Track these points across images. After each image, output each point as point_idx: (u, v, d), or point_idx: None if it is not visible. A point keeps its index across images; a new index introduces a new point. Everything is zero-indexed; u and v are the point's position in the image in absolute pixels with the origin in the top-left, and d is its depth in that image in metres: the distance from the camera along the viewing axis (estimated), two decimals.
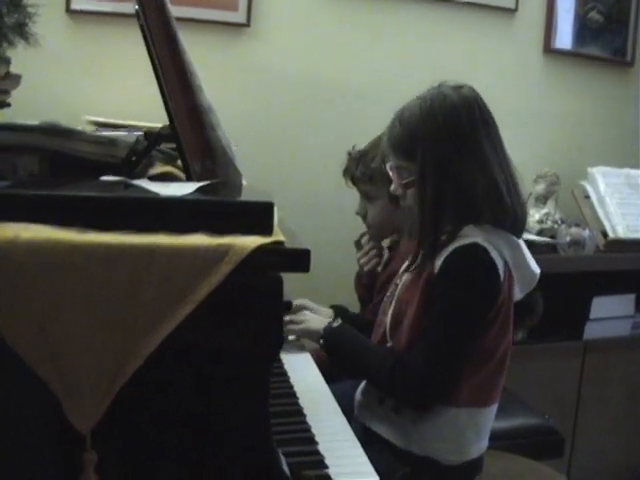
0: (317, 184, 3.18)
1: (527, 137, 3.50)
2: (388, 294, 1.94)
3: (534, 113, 3.52)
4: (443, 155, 1.76)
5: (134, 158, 1.48)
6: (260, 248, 0.98)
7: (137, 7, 1.26)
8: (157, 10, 1.23)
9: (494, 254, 1.74)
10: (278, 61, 3.12)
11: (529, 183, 3.37)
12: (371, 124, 3.18)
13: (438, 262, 1.75)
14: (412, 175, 1.82)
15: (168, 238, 0.98)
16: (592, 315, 3.24)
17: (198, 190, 1.12)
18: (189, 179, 1.30)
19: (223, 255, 0.97)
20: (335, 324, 1.92)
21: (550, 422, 2.39)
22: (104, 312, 0.95)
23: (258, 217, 1.04)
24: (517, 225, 1.81)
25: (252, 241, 0.98)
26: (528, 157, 3.46)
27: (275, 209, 1.08)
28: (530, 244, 2.97)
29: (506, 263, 1.77)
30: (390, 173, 1.90)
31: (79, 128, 1.51)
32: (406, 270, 1.88)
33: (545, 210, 3.38)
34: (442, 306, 1.72)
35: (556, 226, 3.34)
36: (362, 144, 2.45)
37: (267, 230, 1.04)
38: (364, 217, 2.45)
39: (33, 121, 2.02)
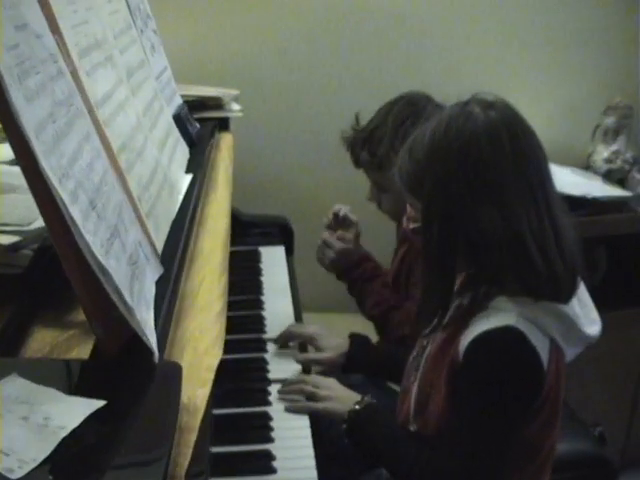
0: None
1: (595, 60, 3.00)
2: (413, 355, 1.60)
3: (603, 32, 2.97)
4: (452, 196, 1.37)
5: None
6: None
7: None
8: None
9: (535, 337, 1.37)
10: None
11: (597, 115, 2.93)
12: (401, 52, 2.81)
13: (463, 342, 1.40)
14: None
15: None
16: None
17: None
18: None
19: None
20: (363, 404, 1.59)
21: (602, 448, 2.03)
22: None
23: None
24: (562, 292, 1.41)
25: None
26: (596, 84, 3.02)
27: None
28: (596, 203, 2.61)
29: (552, 340, 1.41)
30: (408, 209, 1.53)
31: None
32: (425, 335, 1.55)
33: (614, 147, 2.94)
34: (473, 404, 1.40)
35: (627, 167, 2.92)
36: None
37: None
38: (379, 205, 2.05)
39: None
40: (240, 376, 1.76)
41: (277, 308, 2.06)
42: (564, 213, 1.43)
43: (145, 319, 0.98)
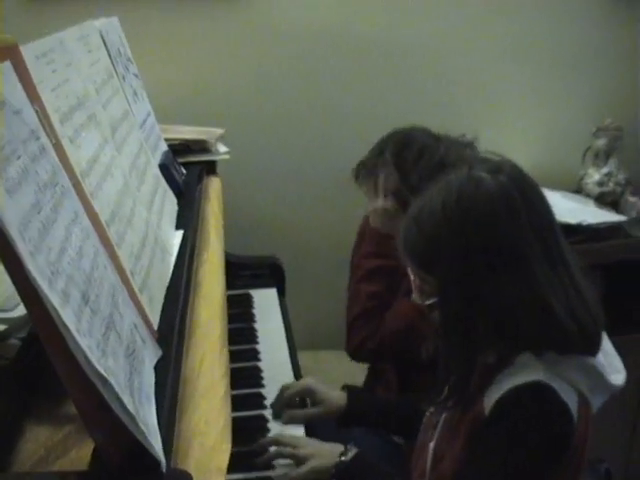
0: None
1: (585, 82, 2.96)
2: (431, 411, 1.54)
3: (594, 54, 2.94)
4: (471, 269, 1.30)
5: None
6: None
7: None
8: None
9: (564, 392, 1.32)
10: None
11: (588, 137, 2.88)
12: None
13: (488, 399, 1.34)
14: (435, 294, 1.38)
15: None
16: None
17: None
18: None
19: None
20: (350, 455, 1.51)
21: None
22: None
23: None
24: (591, 344, 1.36)
25: None
26: (586, 106, 3.00)
27: None
28: (591, 229, 2.55)
29: (580, 394, 1.35)
30: (411, 277, 1.44)
31: None
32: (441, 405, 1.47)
33: (606, 169, 2.90)
34: (500, 460, 1.32)
35: (619, 189, 2.87)
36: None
37: None
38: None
39: None
40: (239, 437, 1.65)
41: (274, 358, 1.97)
42: (575, 261, 1.38)
43: (147, 420, 0.89)
